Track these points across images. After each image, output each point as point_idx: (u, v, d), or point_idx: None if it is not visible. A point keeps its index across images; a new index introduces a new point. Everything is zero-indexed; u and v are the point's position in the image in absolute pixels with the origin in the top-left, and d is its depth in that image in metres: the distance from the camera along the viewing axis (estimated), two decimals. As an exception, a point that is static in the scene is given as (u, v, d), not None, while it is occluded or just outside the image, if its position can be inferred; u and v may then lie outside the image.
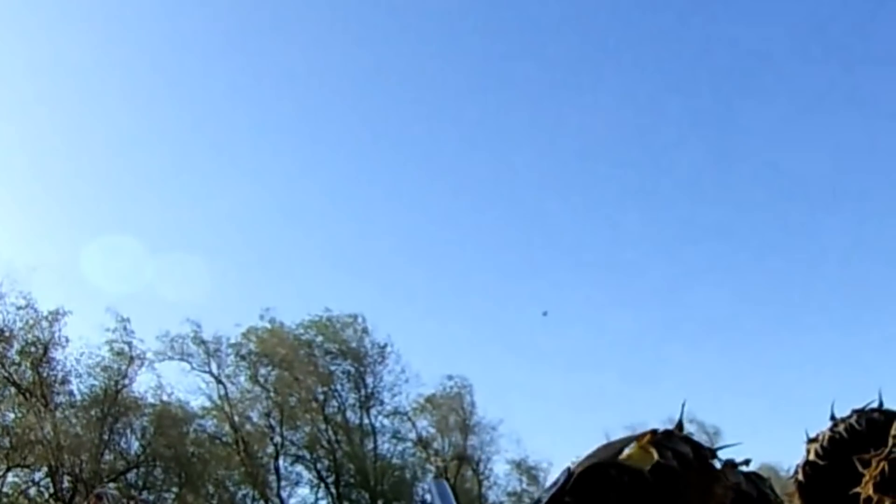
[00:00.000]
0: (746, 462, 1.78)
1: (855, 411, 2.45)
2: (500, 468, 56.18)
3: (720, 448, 1.76)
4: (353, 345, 54.41)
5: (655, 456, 1.65)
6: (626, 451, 1.69)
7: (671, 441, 1.71)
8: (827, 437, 2.43)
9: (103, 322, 46.95)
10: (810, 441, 2.49)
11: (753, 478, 1.77)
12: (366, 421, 53.85)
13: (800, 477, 2.49)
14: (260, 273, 69.08)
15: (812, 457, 2.45)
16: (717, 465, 1.74)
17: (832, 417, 2.48)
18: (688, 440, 1.72)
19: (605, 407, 63.66)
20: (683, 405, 1.87)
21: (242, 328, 51.82)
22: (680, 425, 1.76)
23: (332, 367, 54.08)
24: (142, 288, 61.43)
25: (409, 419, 54.80)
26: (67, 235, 62.56)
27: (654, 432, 1.72)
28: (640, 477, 1.64)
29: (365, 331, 54.40)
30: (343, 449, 52.89)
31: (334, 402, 53.51)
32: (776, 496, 1.81)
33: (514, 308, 64.45)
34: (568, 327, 64.75)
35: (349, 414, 53.79)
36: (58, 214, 61.28)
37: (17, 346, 44.94)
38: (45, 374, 45.28)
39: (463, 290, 67.61)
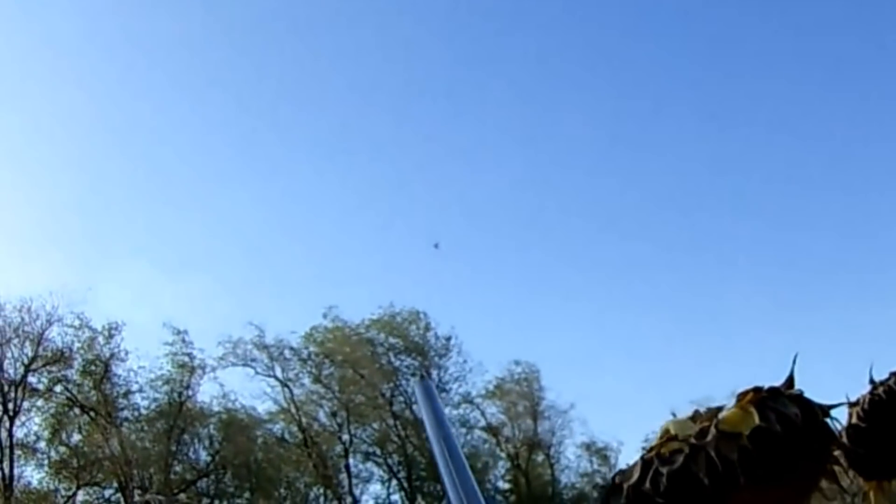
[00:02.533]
0: None
1: (893, 373, 2.11)
2: (572, 452, 53.82)
3: (833, 406, 1.50)
4: (417, 340, 52.38)
5: (756, 419, 1.43)
6: (724, 413, 1.46)
7: (776, 401, 1.46)
8: (867, 399, 2.10)
9: (161, 336, 45.44)
10: (851, 405, 2.13)
11: None
12: None
13: (844, 440, 2.12)
14: (318, 273, 67.54)
15: (854, 420, 2.12)
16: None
17: (871, 381, 2.14)
18: (798, 399, 1.47)
19: (673, 382, 59.41)
20: (794, 358, 1.50)
21: (305, 329, 50.00)
22: (790, 381, 1.49)
23: (397, 363, 52.04)
24: (197, 296, 62.01)
25: (478, 407, 52.67)
26: (118, 253, 59.47)
27: (757, 390, 1.47)
28: (735, 443, 1.40)
29: (428, 326, 52.39)
30: (413, 443, 50.15)
31: (401, 398, 51.00)
32: None
33: (576, 291, 60.29)
34: (633, 305, 62.38)
35: (417, 408, 48.36)
36: (107, 232, 57.82)
37: (77, 367, 43.48)
38: (107, 391, 43.85)
39: (521, 274, 66.00)
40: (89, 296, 47.77)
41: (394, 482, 51.02)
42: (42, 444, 42.91)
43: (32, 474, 42.63)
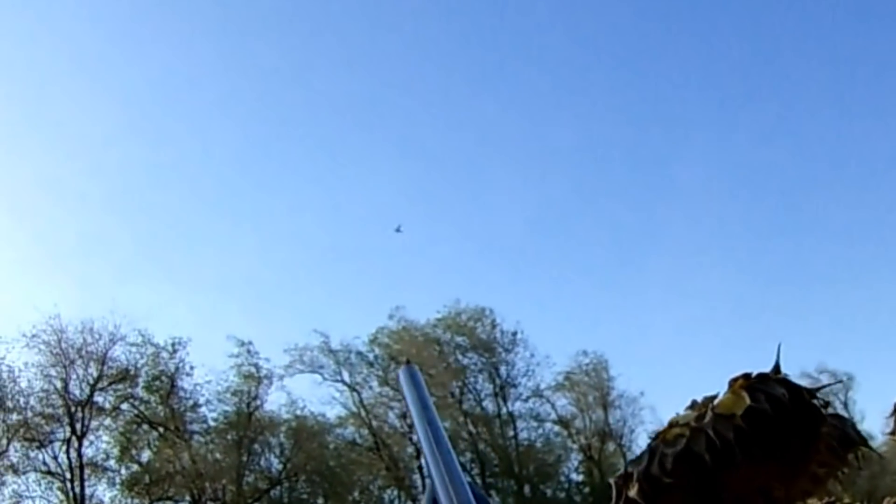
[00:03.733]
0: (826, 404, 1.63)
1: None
2: (644, 440, 49.34)
3: (819, 388, 1.63)
4: (484, 337, 50.68)
5: (747, 400, 1.56)
6: (718, 399, 1.60)
7: (765, 384, 1.60)
8: None
9: (226, 348, 44.77)
10: None
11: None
12: (503, 409, 50.04)
13: None
14: (381, 275, 64.85)
15: None
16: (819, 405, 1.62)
17: None
18: (783, 382, 1.60)
19: (741, 366, 56.56)
20: (779, 348, 1.65)
21: (371, 332, 49.07)
22: (776, 368, 1.62)
23: (465, 362, 50.57)
24: (259, 307, 60.38)
25: (548, 400, 50.80)
26: (177, 269, 58.78)
27: (747, 376, 1.62)
28: (731, 423, 1.54)
29: (493, 323, 50.62)
30: (484, 439, 49.52)
31: (470, 395, 50.01)
32: (859, 435, 1.67)
33: (641, 276, 58.36)
34: (696, 286, 59.67)
35: (486, 404, 50.01)
36: (164, 249, 56.58)
37: (143, 383, 42.85)
38: (175, 406, 43.15)
39: (583, 264, 63.66)
40: (151, 313, 46.61)
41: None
42: (112, 463, 42.17)
43: (104, 493, 41.82)
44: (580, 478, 51.16)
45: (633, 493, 1.60)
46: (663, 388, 58.80)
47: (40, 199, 56.06)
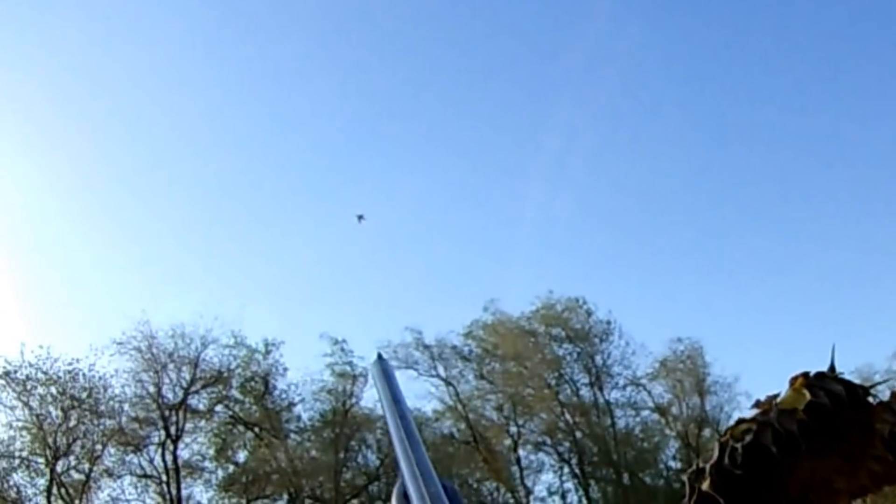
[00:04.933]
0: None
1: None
2: None
3: (874, 385, 1.64)
4: (578, 327, 48.18)
5: (808, 396, 1.59)
6: (781, 396, 1.62)
7: (822, 381, 1.63)
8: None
9: (319, 347, 43.23)
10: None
11: None
12: (600, 398, 47.59)
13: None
14: (471, 268, 60.74)
15: None
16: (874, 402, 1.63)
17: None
18: (840, 380, 1.62)
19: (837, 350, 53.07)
20: (833, 348, 1.67)
21: (465, 326, 46.79)
22: (832, 367, 1.64)
23: (560, 352, 48.04)
24: (352, 305, 58.56)
25: (644, 388, 48.32)
26: (266, 270, 55.44)
27: (805, 375, 1.65)
28: (794, 417, 1.57)
29: (588, 312, 48.06)
30: (582, 429, 47.15)
31: (566, 386, 47.50)
32: None
33: (734, 258, 55.27)
34: (791, 269, 55.68)
35: (583, 394, 47.76)
36: (253, 249, 54.27)
37: (236, 385, 41.78)
38: (270, 406, 42.00)
39: (673, 249, 59.42)
40: (242, 315, 45.03)
41: (565, 470, 47.08)
42: (208, 464, 41.12)
43: (201, 494, 40.78)
44: (678, 465, 47.95)
45: (705, 486, 1.59)
46: (759, 372, 55.82)
47: (127, 206, 53.91)
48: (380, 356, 1.65)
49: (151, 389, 38.75)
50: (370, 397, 42.83)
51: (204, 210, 58.00)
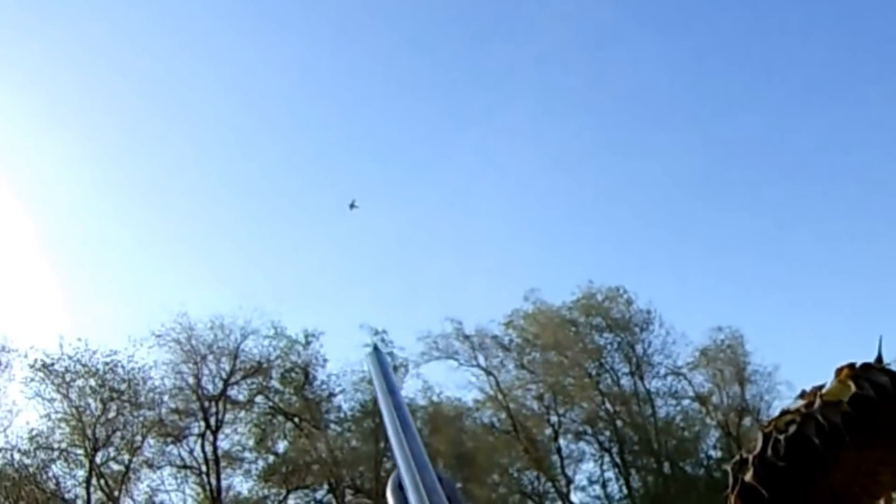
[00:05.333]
0: None
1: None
2: None
3: None
4: (619, 316, 47.32)
5: (853, 388, 1.53)
6: (825, 388, 1.56)
7: (868, 373, 1.56)
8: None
9: (359, 338, 42.92)
10: None
11: None
12: (641, 388, 46.63)
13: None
14: (511, 257, 59.01)
15: None
16: None
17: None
18: (887, 371, 1.56)
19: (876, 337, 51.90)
20: (881, 339, 1.63)
21: (506, 315, 45.87)
22: (879, 358, 1.58)
23: (601, 342, 47.19)
24: (390, 296, 56.97)
25: (685, 377, 47.26)
26: (305, 260, 54.40)
27: (851, 366, 1.58)
28: (838, 409, 1.52)
29: (629, 301, 47.17)
30: (622, 418, 46.25)
31: (607, 375, 46.60)
32: None
33: (770, 247, 53.78)
34: (836, 256, 54.40)
35: (624, 383, 46.84)
36: (293, 239, 53.42)
37: (276, 376, 41.04)
38: (310, 397, 41.30)
39: (712, 236, 58.13)
40: (282, 305, 44.77)
41: (606, 459, 46.14)
42: (248, 454, 40.68)
43: (241, 484, 40.34)
44: (719, 454, 47.21)
45: (748, 477, 1.52)
46: (799, 362, 54.69)
47: (166, 199, 53.27)
48: (375, 347, 1.57)
49: (191, 381, 38.34)
50: (410, 387, 43.18)
51: (243, 201, 57.46)
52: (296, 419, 40.66)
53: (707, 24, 55.27)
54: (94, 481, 35.87)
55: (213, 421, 38.15)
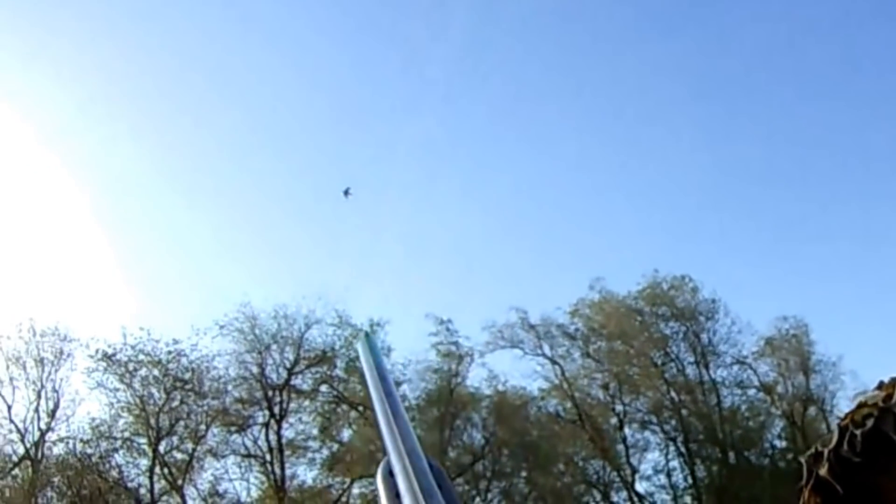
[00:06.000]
0: None
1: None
2: (845, 405, 43.71)
3: None
4: (684, 305, 45.43)
5: None
6: None
7: None
8: None
9: (424, 327, 41.51)
10: None
11: None
12: (706, 377, 44.71)
13: None
14: (577, 248, 57.92)
15: None
16: None
17: None
18: None
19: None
20: None
21: (571, 304, 44.29)
22: None
23: (666, 331, 45.35)
24: (455, 285, 55.82)
25: (750, 367, 45.27)
26: (373, 249, 52.32)
27: None
28: None
29: (694, 290, 45.38)
30: (688, 408, 44.42)
31: (672, 364, 44.77)
32: None
33: (835, 236, 51.35)
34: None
35: (689, 372, 44.93)
36: (358, 230, 51.26)
37: (341, 365, 39.80)
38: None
39: (777, 225, 55.71)
40: (347, 295, 43.77)
41: (671, 448, 44.44)
42: (312, 443, 39.70)
43: (305, 473, 39.51)
44: (783, 444, 45.64)
45: (823, 472, 1.46)
46: (864, 351, 52.41)
47: (231, 190, 51.89)
48: (367, 333, 1.59)
49: (255, 370, 37.42)
50: (476, 376, 42.24)
51: (308, 190, 56.00)
52: (360, 408, 39.21)
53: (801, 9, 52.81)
54: (157, 470, 35.21)
55: (277, 410, 37.22)
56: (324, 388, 39.70)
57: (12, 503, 33.73)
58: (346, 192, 39.80)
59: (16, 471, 34.44)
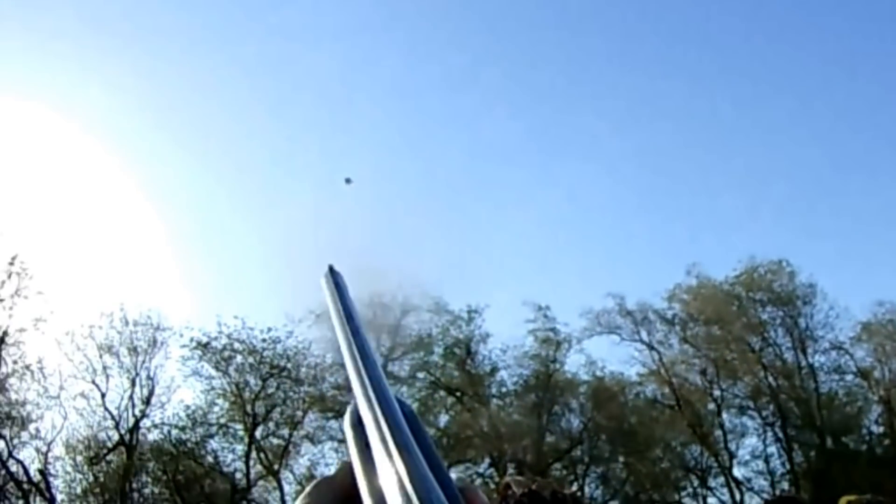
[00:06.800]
0: None
1: None
2: None
3: None
4: (781, 290, 42.93)
5: None
6: None
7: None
8: None
9: (522, 314, 39.48)
10: None
11: None
12: (803, 362, 42.07)
13: None
14: (676, 231, 54.20)
15: None
16: None
17: None
18: None
19: None
20: None
21: (668, 290, 42.38)
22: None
23: (763, 316, 42.78)
24: (556, 268, 52.32)
25: (847, 352, 42.56)
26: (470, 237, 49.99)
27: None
28: None
29: (791, 275, 42.86)
30: (785, 393, 41.81)
31: (770, 349, 42.19)
32: None
33: None
34: None
35: (786, 357, 42.40)
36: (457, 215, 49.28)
37: (438, 351, 38.81)
38: (472, 371, 38.88)
39: (870, 212, 51.80)
40: (443, 282, 42.05)
41: (769, 434, 42.21)
42: None
43: None
44: (881, 429, 43.07)
45: None
46: None
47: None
48: (331, 269, 1.31)
49: None
50: (574, 362, 40.71)
51: (402, 179, 53.82)
52: (458, 393, 38.38)
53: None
54: (253, 455, 34.22)
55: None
56: (420, 374, 38.68)
57: (107, 489, 32.80)
58: (348, 181, 38.12)
59: (110, 457, 33.49)
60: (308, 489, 0.83)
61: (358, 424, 0.90)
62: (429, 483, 0.66)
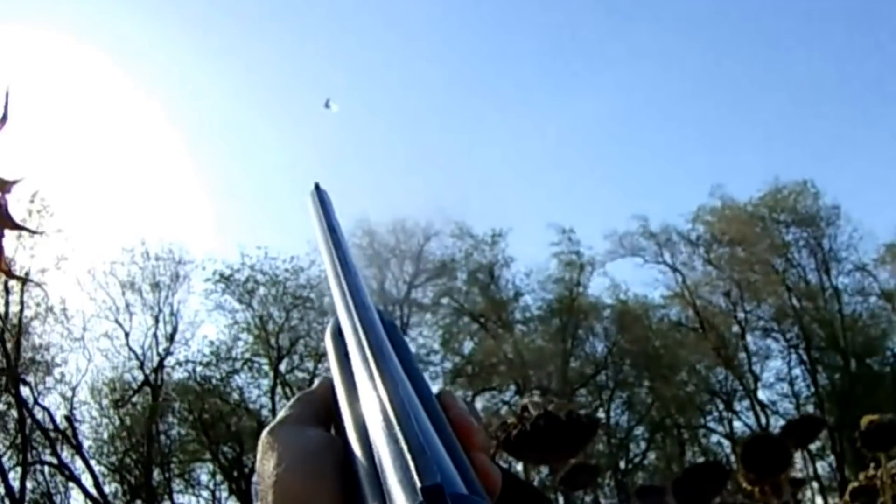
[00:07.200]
0: None
1: None
2: None
3: None
4: (805, 212, 41.59)
5: None
6: None
7: None
8: None
9: (546, 237, 40.09)
10: None
11: None
12: (827, 284, 40.92)
13: None
14: (700, 151, 51.67)
15: None
16: None
17: None
18: None
19: None
20: None
21: (692, 211, 41.13)
22: None
23: (787, 237, 41.70)
24: (579, 190, 51.32)
25: (871, 274, 41.56)
26: (492, 159, 48.29)
27: None
28: None
29: (816, 195, 41.37)
30: (809, 314, 40.64)
31: (793, 271, 41.07)
32: None
33: None
34: None
35: (810, 279, 41.29)
36: (479, 136, 47.41)
37: (462, 276, 37.72)
38: (496, 297, 37.68)
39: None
40: (466, 205, 41.98)
41: (793, 356, 40.99)
42: (434, 356, 37.56)
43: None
44: None
45: None
46: None
47: (346, 102, 48.21)
48: (317, 186, 1.18)
49: (374, 285, 34.73)
50: (598, 285, 40.13)
51: (425, 100, 51.83)
52: (482, 320, 37.23)
53: None
54: (278, 390, 32.91)
55: (398, 324, 33.05)
56: (444, 300, 37.45)
57: (134, 432, 31.83)
58: (327, 105, 36.25)
59: (136, 398, 32.42)
60: (290, 403, 0.80)
61: (338, 334, 0.85)
62: (403, 386, 0.64)
